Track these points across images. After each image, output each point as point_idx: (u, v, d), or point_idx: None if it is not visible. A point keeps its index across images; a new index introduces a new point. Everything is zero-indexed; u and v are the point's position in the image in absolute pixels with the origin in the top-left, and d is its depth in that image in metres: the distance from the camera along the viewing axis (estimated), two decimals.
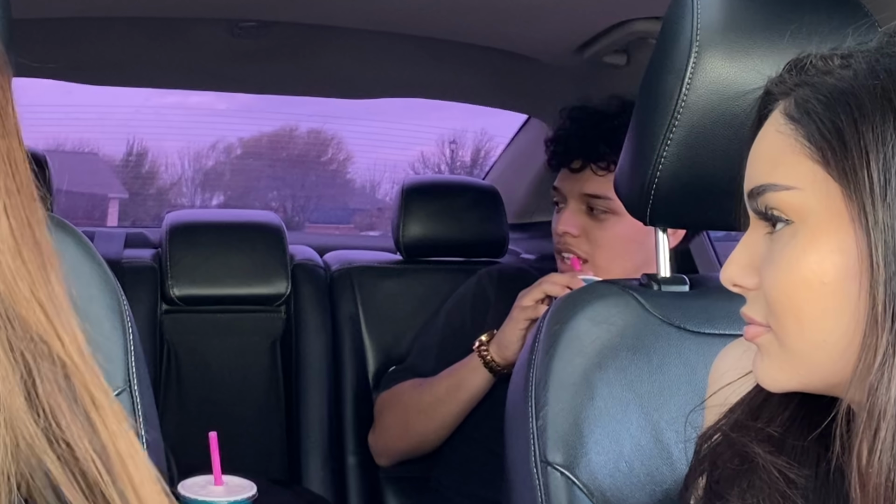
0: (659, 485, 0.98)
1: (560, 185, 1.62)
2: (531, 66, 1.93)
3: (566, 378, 1.01)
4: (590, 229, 1.56)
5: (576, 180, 1.57)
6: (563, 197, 1.61)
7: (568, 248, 1.57)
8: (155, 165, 3.37)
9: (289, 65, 2.08)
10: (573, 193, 1.57)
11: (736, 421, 0.74)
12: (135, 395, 0.97)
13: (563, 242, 1.58)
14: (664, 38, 1.02)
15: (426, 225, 1.99)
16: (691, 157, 0.99)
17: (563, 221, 1.58)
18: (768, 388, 0.70)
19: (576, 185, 1.56)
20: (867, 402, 0.61)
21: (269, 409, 2.01)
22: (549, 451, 0.98)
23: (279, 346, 2.02)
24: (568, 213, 1.58)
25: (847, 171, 0.62)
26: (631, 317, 1.04)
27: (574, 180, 1.57)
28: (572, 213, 1.57)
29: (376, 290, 1.99)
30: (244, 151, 3.58)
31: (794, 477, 0.68)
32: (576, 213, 1.57)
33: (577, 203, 1.57)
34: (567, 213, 1.58)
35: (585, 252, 1.56)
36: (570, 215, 1.57)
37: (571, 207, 1.58)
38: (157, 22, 1.78)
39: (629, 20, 1.62)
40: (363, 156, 3.58)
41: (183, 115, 3.16)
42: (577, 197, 1.57)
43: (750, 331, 0.70)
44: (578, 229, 1.56)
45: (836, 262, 0.63)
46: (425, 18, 1.72)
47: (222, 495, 1.11)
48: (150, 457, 0.97)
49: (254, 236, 2.01)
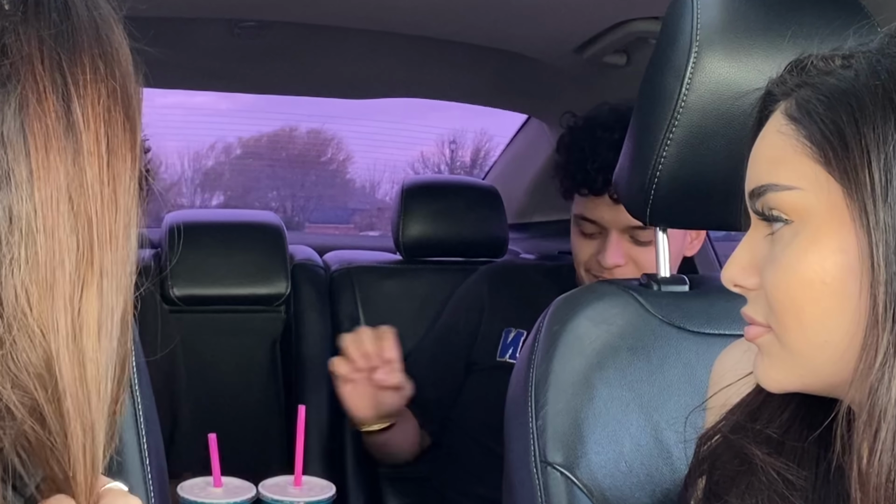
0: (659, 485, 0.98)
1: (595, 217, 1.54)
2: (531, 66, 1.93)
3: (566, 378, 1.01)
4: (635, 255, 1.52)
5: (619, 211, 1.46)
6: (600, 228, 1.54)
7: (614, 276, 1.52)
8: (155, 165, 3.36)
9: (289, 65, 2.08)
10: (617, 225, 1.50)
11: (735, 422, 0.74)
12: (136, 395, 0.97)
13: (610, 272, 1.52)
14: (664, 38, 1.02)
15: (426, 225, 1.99)
16: (691, 157, 0.99)
17: (612, 256, 1.51)
18: (769, 388, 0.70)
19: (620, 217, 1.48)
20: (868, 403, 0.61)
21: (268, 409, 2.01)
22: (548, 451, 0.98)
23: (279, 346, 2.02)
24: (614, 246, 1.51)
25: (848, 171, 0.62)
26: (631, 317, 1.04)
27: (617, 211, 1.48)
28: (617, 244, 1.51)
29: (376, 290, 1.99)
30: (244, 151, 3.58)
31: (793, 478, 0.68)
32: (620, 242, 1.52)
33: (619, 233, 1.52)
34: (613, 247, 1.51)
35: (632, 275, 1.53)
36: (616, 248, 1.51)
37: (615, 239, 1.52)
38: (157, 22, 1.77)
39: (629, 20, 1.62)
40: (363, 156, 3.58)
41: (183, 115, 3.16)
42: (621, 228, 1.51)
43: (751, 331, 0.70)
44: (625, 258, 1.52)
45: (838, 262, 0.63)
46: (425, 18, 1.72)
47: (221, 497, 1.11)
48: (151, 457, 0.97)
49: (254, 236, 2.01)
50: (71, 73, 0.49)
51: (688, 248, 1.55)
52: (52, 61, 0.49)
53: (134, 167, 0.53)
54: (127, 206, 0.52)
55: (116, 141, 0.51)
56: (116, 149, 0.51)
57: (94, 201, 0.49)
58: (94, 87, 0.50)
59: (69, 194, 0.48)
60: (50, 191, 0.48)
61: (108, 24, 0.54)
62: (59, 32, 0.49)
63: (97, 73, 0.50)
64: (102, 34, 0.52)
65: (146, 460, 0.96)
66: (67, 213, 0.48)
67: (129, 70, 0.54)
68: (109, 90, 0.51)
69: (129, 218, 0.52)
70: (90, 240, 0.49)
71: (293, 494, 1.12)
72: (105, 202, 0.50)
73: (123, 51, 0.54)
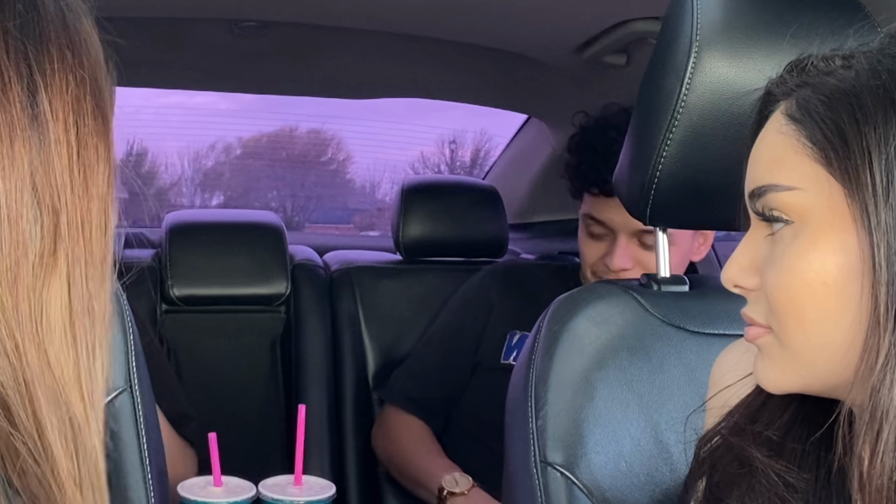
0: (659, 485, 0.98)
1: (604, 218, 1.55)
2: (531, 66, 1.93)
3: (566, 378, 1.00)
4: (643, 259, 1.52)
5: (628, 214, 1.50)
6: (608, 230, 1.55)
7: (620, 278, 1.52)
8: (155, 165, 3.37)
9: (289, 65, 2.08)
10: (626, 228, 1.51)
11: (735, 424, 0.74)
12: (136, 395, 0.97)
13: (617, 276, 1.52)
14: (664, 38, 1.01)
15: (426, 225, 1.99)
16: (691, 157, 0.99)
17: (619, 259, 1.52)
18: (769, 389, 0.70)
19: (629, 220, 1.47)
20: (869, 404, 0.61)
21: (269, 409, 2.01)
22: (548, 451, 0.98)
23: (279, 346, 2.02)
24: (622, 250, 1.52)
25: (849, 172, 0.62)
26: (631, 317, 1.04)
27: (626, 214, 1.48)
28: (625, 247, 1.52)
29: (376, 290, 1.99)
30: (244, 151, 3.57)
31: (793, 481, 0.68)
32: (628, 246, 1.53)
33: (627, 236, 1.52)
34: (621, 250, 1.52)
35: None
36: (624, 251, 1.52)
37: (623, 242, 1.52)
38: (157, 22, 1.78)
39: (629, 20, 1.61)
40: (363, 156, 3.58)
41: (183, 115, 3.15)
42: (629, 232, 1.52)
43: (751, 332, 0.70)
44: (633, 262, 1.52)
45: (839, 262, 0.63)
46: (425, 18, 1.72)
47: (221, 496, 1.11)
48: (152, 457, 0.97)
49: (254, 236, 2.01)
50: (37, 62, 0.49)
51: (695, 252, 1.55)
52: (16, 52, 0.49)
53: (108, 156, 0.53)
54: (101, 195, 0.52)
55: (87, 130, 0.51)
56: (86, 138, 0.51)
57: (63, 191, 0.49)
58: (62, 77, 0.50)
59: (33, 184, 0.48)
60: (14, 181, 0.48)
61: (76, 14, 0.54)
62: (24, 23, 0.49)
63: (65, 63, 0.50)
64: (70, 24, 0.52)
65: (146, 460, 0.96)
66: (31, 203, 0.48)
67: (100, 60, 0.54)
68: (78, 80, 0.51)
69: (103, 205, 0.52)
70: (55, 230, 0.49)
71: (293, 494, 1.12)
72: (76, 191, 0.50)
73: (93, 41, 0.54)
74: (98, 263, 0.52)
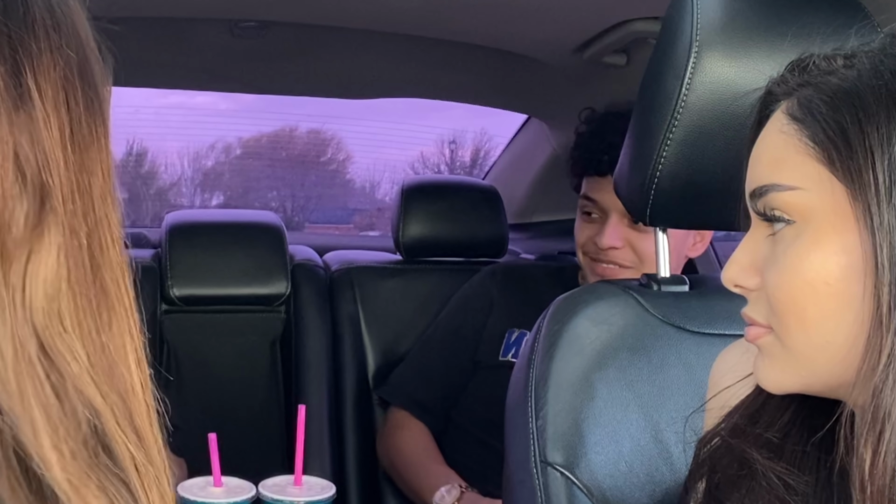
0: (659, 485, 0.98)
1: (597, 197, 1.56)
2: (531, 66, 1.93)
3: (566, 378, 1.00)
4: (633, 240, 1.53)
5: None
6: (600, 209, 1.56)
7: (611, 259, 1.54)
8: (154, 165, 3.36)
9: (289, 65, 2.08)
10: (617, 207, 1.50)
11: (735, 425, 0.74)
12: None
13: (605, 254, 1.54)
14: (664, 38, 1.01)
15: (426, 225, 1.99)
16: (691, 157, 0.99)
17: (608, 237, 1.53)
18: (770, 389, 0.70)
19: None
20: (871, 405, 0.60)
21: (269, 409, 2.01)
22: (548, 451, 0.98)
23: (279, 346, 2.02)
24: (612, 228, 1.53)
25: (852, 172, 0.62)
26: (631, 317, 1.04)
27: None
28: (615, 226, 1.53)
29: (376, 290, 1.99)
30: (244, 151, 3.57)
31: (793, 483, 0.68)
32: (618, 226, 1.53)
33: (619, 216, 1.53)
34: (611, 228, 1.53)
35: (630, 261, 1.54)
36: (613, 230, 1.53)
37: (614, 221, 1.54)
38: (157, 22, 1.77)
39: (629, 20, 1.61)
40: (363, 156, 3.57)
41: (183, 115, 3.15)
42: (620, 211, 1.51)
43: (751, 332, 0.70)
44: (622, 241, 1.53)
45: (841, 262, 0.63)
46: (425, 18, 1.72)
47: (221, 497, 1.11)
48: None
49: (253, 236, 2.01)
50: (21, 43, 0.49)
51: (692, 249, 1.55)
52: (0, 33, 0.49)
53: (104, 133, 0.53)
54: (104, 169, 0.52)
55: (78, 109, 0.51)
56: (78, 116, 0.51)
57: (54, 168, 0.49)
58: (49, 57, 0.50)
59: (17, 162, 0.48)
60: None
61: None
62: (7, 4, 0.50)
63: (51, 43, 0.50)
64: (55, 6, 0.52)
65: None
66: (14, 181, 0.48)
67: (90, 40, 0.54)
68: (65, 59, 0.51)
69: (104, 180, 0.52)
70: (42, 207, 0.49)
71: (293, 494, 1.12)
72: (70, 167, 0.50)
73: (81, 22, 0.54)
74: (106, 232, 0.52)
